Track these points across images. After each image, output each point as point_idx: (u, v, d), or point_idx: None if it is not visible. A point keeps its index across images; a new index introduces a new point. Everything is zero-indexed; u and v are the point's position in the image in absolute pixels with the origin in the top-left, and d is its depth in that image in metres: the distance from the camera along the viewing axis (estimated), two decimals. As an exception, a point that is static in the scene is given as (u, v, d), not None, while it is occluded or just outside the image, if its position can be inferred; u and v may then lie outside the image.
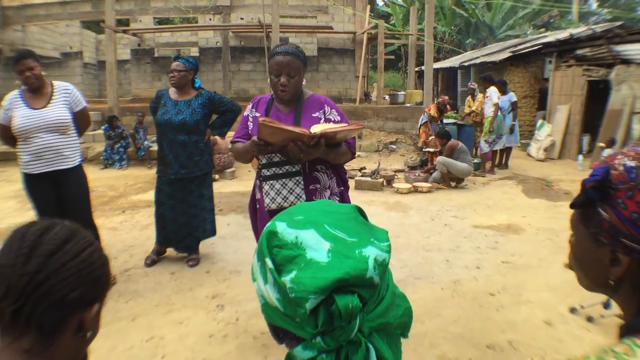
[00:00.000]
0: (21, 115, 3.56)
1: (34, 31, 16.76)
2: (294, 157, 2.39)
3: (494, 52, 15.59)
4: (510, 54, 13.19)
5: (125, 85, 18.60)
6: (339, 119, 2.61)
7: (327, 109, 2.62)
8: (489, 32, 23.75)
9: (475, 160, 9.29)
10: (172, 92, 4.27)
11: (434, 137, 10.14)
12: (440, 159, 8.16)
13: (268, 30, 12.69)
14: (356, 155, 2.70)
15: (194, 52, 16.72)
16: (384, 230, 0.81)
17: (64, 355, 0.91)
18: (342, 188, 2.72)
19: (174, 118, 4.12)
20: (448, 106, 10.14)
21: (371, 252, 0.73)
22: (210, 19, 15.81)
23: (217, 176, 8.95)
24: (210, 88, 14.90)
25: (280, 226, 0.76)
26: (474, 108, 10.40)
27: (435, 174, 8.38)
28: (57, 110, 3.65)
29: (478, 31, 24.00)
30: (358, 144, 11.63)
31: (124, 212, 6.59)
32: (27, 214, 6.52)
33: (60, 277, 0.86)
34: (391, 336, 0.76)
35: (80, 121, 3.87)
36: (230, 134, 10.60)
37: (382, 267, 0.73)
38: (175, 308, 3.61)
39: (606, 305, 3.28)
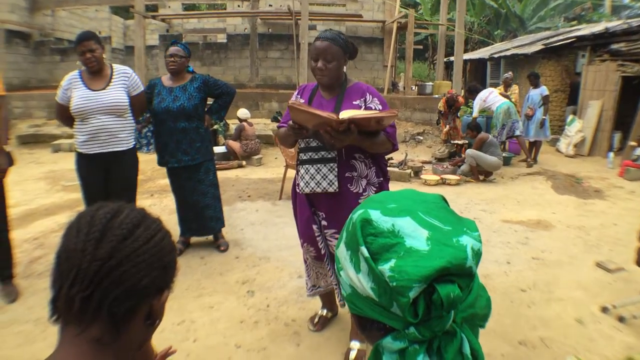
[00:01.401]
0: (79, 96, 3.57)
1: (63, 16, 16.96)
2: (327, 143, 2.40)
3: (525, 44, 15.27)
4: (543, 47, 12.92)
5: (152, 70, 18.72)
6: (381, 108, 2.58)
7: (368, 97, 2.60)
8: (519, 24, 23.27)
9: (505, 154, 9.19)
10: (166, 80, 4.24)
11: (452, 128, 10.11)
12: (469, 151, 8.06)
13: (297, 17, 12.64)
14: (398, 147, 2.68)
15: (222, 38, 16.76)
16: (472, 220, 0.80)
17: (133, 344, 0.89)
18: (382, 179, 2.69)
19: (172, 105, 4.09)
20: (460, 98, 10.03)
21: (468, 241, 0.72)
22: (238, 6, 15.82)
23: (244, 162, 9.01)
24: (237, 75, 15.09)
25: (374, 214, 0.74)
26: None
27: (464, 167, 8.29)
28: (115, 93, 3.66)
29: (508, 22, 23.54)
30: (384, 134, 11.56)
31: (152, 195, 6.69)
32: (56, 195, 6.67)
33: (133, 263, 0.83)
34: (473, 327, 0.75)
35: (137, 105, 3.87)
36: (254, 120, 10.64)
37: (478, 256, 0.73)
38: (205, 292, 3.65)
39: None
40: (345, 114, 2.26)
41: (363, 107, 2.56)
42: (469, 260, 0.69)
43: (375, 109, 2.57)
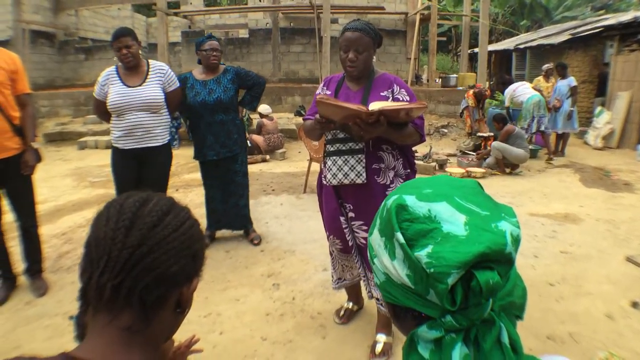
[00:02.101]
0: (116, 92, 3.61)
1: (86, 15, 17.25)
2: (355, 135, 2.38)
3: (552, 34, 14.97)
4: (570, 37, 12.66)
5: (175, 67, 18.86)
6: (408, 99, 2.55)
7: (396, 88, 2.57)
8: (545, 14, 22.82)
9: (532, 147, 9.05)
10: (198, 73, 4.23)
11: (478, 121, 10.01)
12: (495, 144, 7.95)
13: (318, 11, 12.60)
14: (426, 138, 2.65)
15: (243, 33, 16.81)
16: (509, 206, 0.77)
17: (162, 332, 0.89)
18: (409, 171, 2.67)
19: (208, 98, 4.10)
20: (487, 92, 9.94)
21: (507, 227, 0.69)
22: (260, 1, 15.83)
23: (268, 157, 9.04)
24: (260, 70, 15.12)
25: (409, 199, 0.72)
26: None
27: (490, 160, 8.18)
28: (151, 90, 3.67)
29: (533, 12, 23.09)
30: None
31: (177, 190, 6.74)
32: (83, 191, 6.79)
33: (162, 251, 0.83)
34: (510, 317, 0.73)
35: (173, 101, 3.89)
36: (276, 115, 10.68)
37: (517, 243, 0.70)
38: (231, 285, 3.68)
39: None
40: (374, 106, 2.24)
41: (391, 98, 2.54)
42: (508, 246, 0.67)
43: (403, 100, 2.54)
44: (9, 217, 3.55)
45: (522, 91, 9.18)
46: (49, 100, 13.07)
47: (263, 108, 9.35)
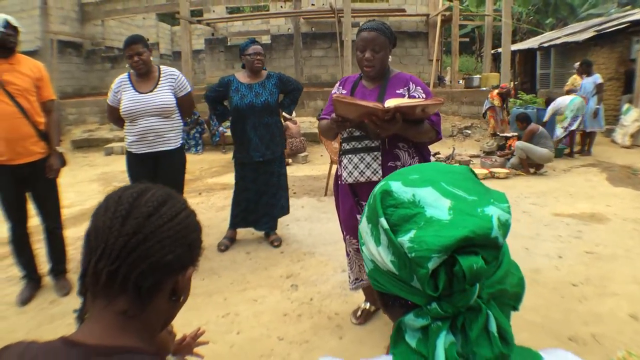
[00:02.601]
0: (128, 99, 3.70)
1: (112, 25, 17.63)
2: (372, 132, 2.38)
3: (576, 31, 14.69)
4: (595, 33, 12.41)
5: (199, 74, 19.14)
6: (424, 97, 2.55)
7: (411, 85, 2.58)
8: (570, 11, 22.40)
9: (559, 146, 8.91)
10: (242, 76, 4.28)
11: (502, 121, 9.89)
12: (519, 144, 7.84)
13: (339, 15, 12.63)
14: (442, 136, 2.64)
15: (266, 39, 16.93)
16: (501, 192, 0.76)
17: (158, 319, 0.91)
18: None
19: (255, 100, 4.16)
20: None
21: (494, 212, 0.68)
22: (281, 7, 15.93)
23: (290, 160, 9.09)
24: (282, 74, 15.16)
25: (394, 185, 0.72)
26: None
27: (514, 160, 8.06)
28: (162, 95, 3.75)
29: (558, 10, 22.68)
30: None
31: (200, 194, 6.82)
32: (111, 195, 6.91)
33: (157, 239, 0.86)
34: (504, 307, 0.71)
35: (184, 105, 3.96)
36: (299, 119, 10.72)
37: (505, 227, 0.68)
38: (250, 286, 3.70)
39: None
40: (390, 103, 2.25)
41: (407, 96, 2.54)
42: (494, 231, 0.66)
43: (419, 97, 2.54)
44: (35, 220, 3.65)
45: (563, 100, 9.12)
46: (76, 108, 13.39)
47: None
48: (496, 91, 10.07)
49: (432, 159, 8.68)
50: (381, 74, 2.62)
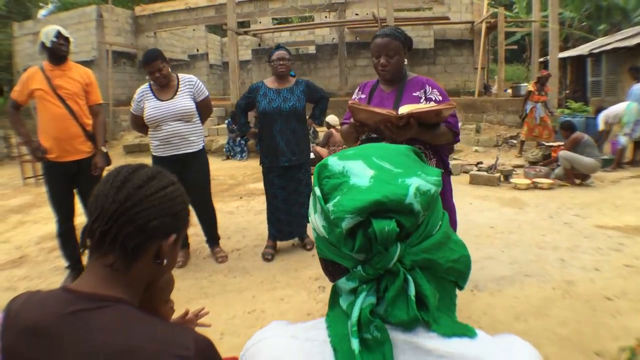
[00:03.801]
0: (151, 107, 3.97)
1: (164, 37, 18.31)
2: (388, 138, 2.43)
3: (628, 37, 14.14)
4: (648, 39, 11.92)
5: (247, 83, 19.54)
6: (441, 99, 2.58)
7: (428, 88, 2.62)
8: (623, 16, 21.52)
9: (605, 156, 8.58)
10: (270, 82, 4.35)
11: (537, 126, 9.69)
12: (562, 153, 7.54)
13: (383, 24, 12.67)
14: (460, 138, 2.65)
15: (311, 49, 17.16)
16: (438, 170, 0.79)
17: (142, 277, 1.06)
18: (442, 171, 2.66)
19: (283, 105, 4.21)
20: (544, 71, 10.03)
21: (414, 182, 0.71)
22: (326, 17, 16.12)
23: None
24: (327, 84, 15.36)
25: (331, 159, 0.78)
26: None
27: (558, 170, 7.74)
28: (183, 101, 4.01)
29: (610, 15, 21.80)
30: (475, 138, 11.23)
31: (241, 198, 6.99)
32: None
33: (144, 207, 1.00)
34: (442, 281, 0.74)
35: (203, 109, 4.23)
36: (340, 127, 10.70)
37: (426, 196, 0.71)
38: (279, 286, 3.78)
39: None
40: (404, 109, 2.29)
41: (423, 98, 2.58)
42: (408, 197, 0.68)
43: (435, 100, 2.58)
44: (82, 218, 3.86)
45: (616, 108, 8.89)
46: (129, 116, 13.94)
47: (331, 119, 9.47)
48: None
49: (451, 162, 8.54)
50: (398, 77, 2.68)
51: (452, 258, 0.74)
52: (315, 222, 0.76)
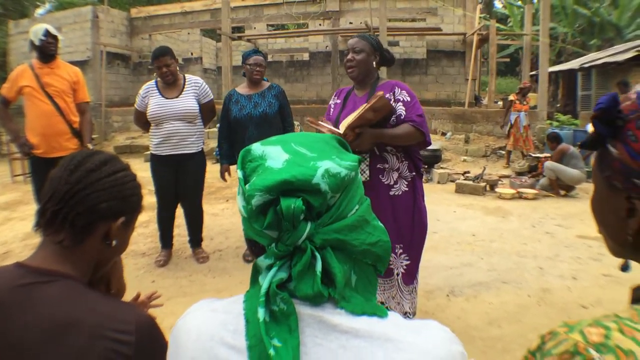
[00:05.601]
0: (155, 104, 3.97)
1: (159, 39, 18.36)
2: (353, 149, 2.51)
3: (618, 52, 14.33)
4: (636, 53, 12.07)
5: (241, 88, 19.59)
6: (409, 99, 2.63)
7: (397, 90, 2.67)
8: (616, 32, 21.77)
9: (591, 168, 8.64)
10: (242, 88, 4.28)
11: (525, 128, 9.94)
12: (548, 164, 7.62)
13: (376, 33, 12.78)
14: (430, 138, 2.70)
15: (305, 56, 17.26)
16: (356, 156, 0.83)
17: (91, 255, 1.11)
18: (414, 174, 2.71)
19: (253, 111, 4.11)
20: (526, 83, 10.49)
21: (325, 164, 0.74)
22: (320, 25, 16.23)
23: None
24: (319, 90, 15.44)
25: (254, 145, 0.82)
26: None
27: (543, 181, 7.82)
28: (187, 101, 4.01)
29: (603, 31, 22.04)
30: (464, 148, 11.32)
31: (227, 201, 7.02)
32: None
33: (94, 189, 1.07)
34: (359, 263, 0.78)
35: (206, 112, 4.24)
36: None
37: (335, 178, 0.74)
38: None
39: (624, 268, 2.93)
40: (343, 125, 2.40)
41: (392, 99, 2.63)
42: (316, 178, 0.72)
43: (403, 100, 2.63)
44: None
45: None
46: (121, 117, 13.97)
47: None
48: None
49: (436, 171, 8.56)
50: (367, 80, 2.75)
51: (368, 241, 0.77)
52: (238, 204, 0.80)
